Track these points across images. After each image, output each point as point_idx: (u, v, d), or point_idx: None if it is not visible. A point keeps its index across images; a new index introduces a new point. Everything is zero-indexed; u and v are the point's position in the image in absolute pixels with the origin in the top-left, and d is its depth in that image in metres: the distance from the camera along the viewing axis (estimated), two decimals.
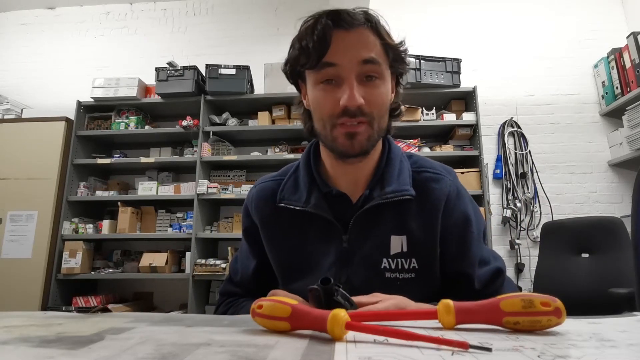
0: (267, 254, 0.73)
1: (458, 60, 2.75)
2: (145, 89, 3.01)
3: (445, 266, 0.67)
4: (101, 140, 3.03)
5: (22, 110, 3.16)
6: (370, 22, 0.61)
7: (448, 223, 0.67)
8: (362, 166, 0.68)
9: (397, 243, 0.65)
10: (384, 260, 0.64)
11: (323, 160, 0.72)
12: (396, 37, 0.65)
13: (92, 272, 2.70)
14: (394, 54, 0.64)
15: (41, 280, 2.60)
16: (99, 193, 2.84)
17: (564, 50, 3.08)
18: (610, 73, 2.84)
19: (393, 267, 0.64)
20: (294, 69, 0.66)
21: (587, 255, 1.84)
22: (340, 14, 0.60)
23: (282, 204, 0.69)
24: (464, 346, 0.27)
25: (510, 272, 2.78)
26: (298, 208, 0.67)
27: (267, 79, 2.85)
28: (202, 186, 2.66)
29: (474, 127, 2.70)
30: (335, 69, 0.59)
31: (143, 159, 2.85)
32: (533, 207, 2.85)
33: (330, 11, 0.61)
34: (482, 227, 0.72)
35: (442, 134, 2.91)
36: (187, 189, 2.74)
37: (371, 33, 0.61)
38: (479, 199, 2.59)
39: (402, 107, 0.71)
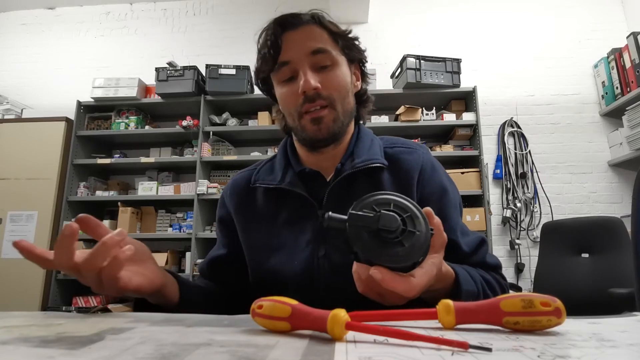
0: (240, 244, 0.72)
1: (458, 60, 2.75)
2: (145, 89, 3.01)
3: None
4: (101, 140, 3.03)
5: (22, 110, 3.16)
6: (314, 19, 0.67)
7: (425, 192, 0.68)
8: (335, 153, 0.71)
9: None
10: None
11: (298, 152, 0.75)
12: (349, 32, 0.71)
13: None
14: (343, 41, 0.69)
15: (41, 280, 2.60)
16: (99, 193, 2.84)
17: (564, 50, 3.09)
18: (610, 73, 2.84)
19: None
20: (259, 78, 0.72)
21: (587, 255, 1.84)
22: (286, 18, 0.67)
23: (256, 184, 0.72)
24: (464, 346, 0.27)
25: (510, 272, 2.78)
26: (272, 186, 0.69)
27: None
28: (202, 186, 2.66)
29: (474, 127, 2.70)
30: (289, 66, 0.65)
31: (143, 159, 2.85)
32: (533, 207, 2.85)
33: (277, 17, 0.67)
34: (459, 200, 0.72)
35: (442, 134, 2.91)
36: (187, 189, 2.75)
37: (317, 27, 0.67)
38: (479, 199, 2.60)
39: (370, 94, 0.76)
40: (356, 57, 0.72)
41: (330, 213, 0.41)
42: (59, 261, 0.42)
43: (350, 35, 0.70)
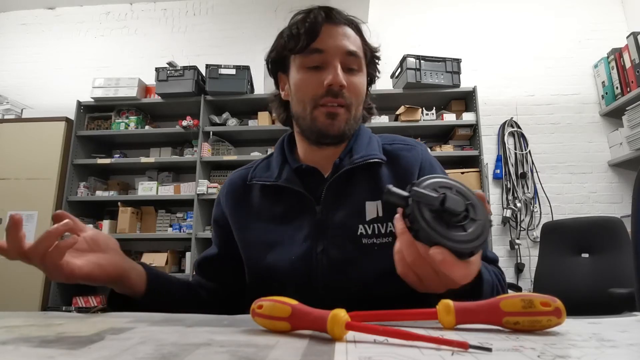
0: (233, 244, 0.72)
1: (458, 60, 2.75)
2: (145, 89, 3.01)
3: None
4: (101, 140, 3.03)
5: (22, 110, 3.16)
6: (354, 24, 0.70)
7: None
8: (335, 151, 0.71)
9: (373, 208, 0.66)
10: (360, 226, 0.64)
11: (297, 148, 0.75)
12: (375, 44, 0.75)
13: None
14: (371, 56, 0.73)
15: (41, 280, 2.60)
16: (99, 193, 2.84)
17: (564, 50, 3.08)
18: (610, 73, 2.84)
19: (369, 232, 0.64)
20: (279, 55, 0.71)
21: (587, 255, 1.84)
22: (331, 10, 0.68)
23: (253, 181, 0.72)
24: (464, 346, 0.27)
25: (510, 272, 2.78)
26: (269, 183, 0.69)
27: (267, 79, 2.85)
28: (202, 186, 2.66)
29: (474, 127, 2.70)
30: (321, 55, 0.65)
31: (143, 159, 2.85)
32: (533, 207, 2.85)
33: (322, 7, 0.68)
34: None
35: (442, 134, 2.91)
36: (187, 189, 2.75)
37: (355, 32, 0.69)
38: None
39: (374, 107, 0.79)
40: (371, 75, 0.75)
41: (390, 186, 0.41)
42: (11, 249, 0.45)
43: (377, 54, 0.73)
